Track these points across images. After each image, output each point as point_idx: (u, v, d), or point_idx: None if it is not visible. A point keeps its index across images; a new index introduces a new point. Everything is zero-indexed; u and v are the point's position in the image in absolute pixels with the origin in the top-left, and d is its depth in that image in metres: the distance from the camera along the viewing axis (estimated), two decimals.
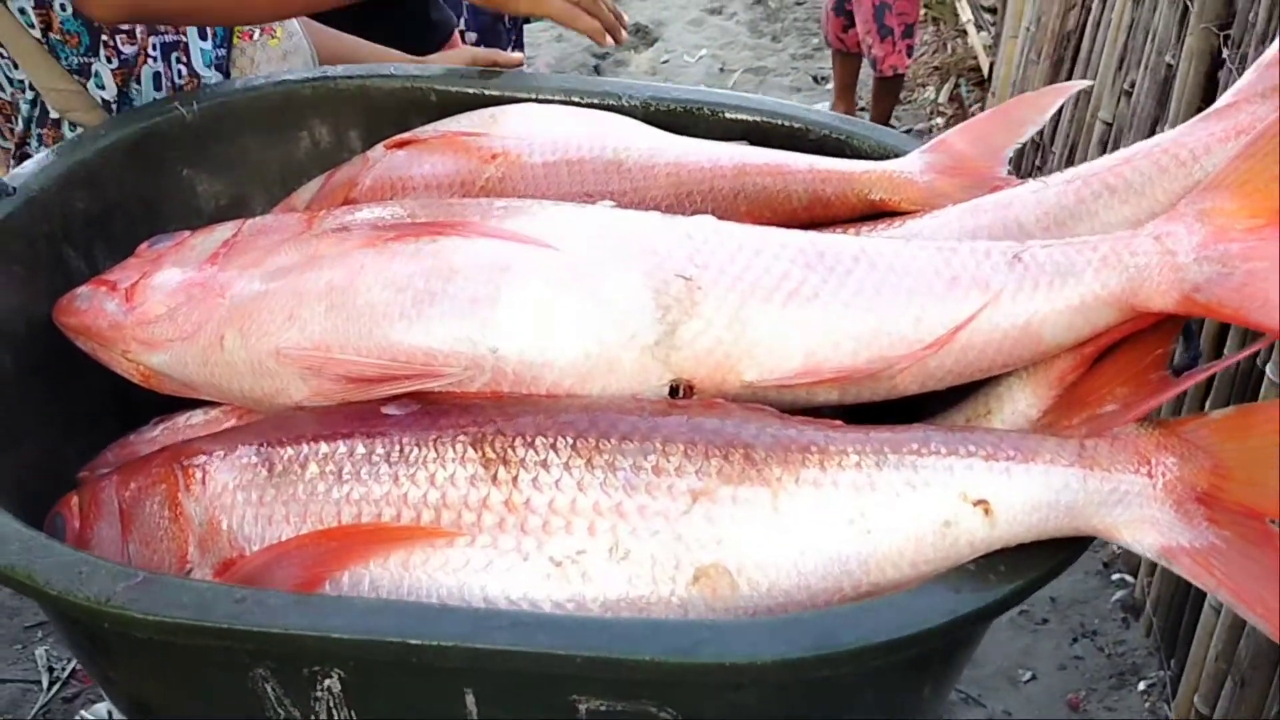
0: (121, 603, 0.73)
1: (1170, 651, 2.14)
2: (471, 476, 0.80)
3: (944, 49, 5.61)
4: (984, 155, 1.10)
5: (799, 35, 6.31)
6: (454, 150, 1.14)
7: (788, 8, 6.71)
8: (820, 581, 0.77)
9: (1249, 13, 2.00)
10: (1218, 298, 0.78)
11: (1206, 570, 0.75)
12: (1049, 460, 0.78)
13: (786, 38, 6.31)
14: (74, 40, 1.31)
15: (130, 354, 0.99)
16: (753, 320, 0.88)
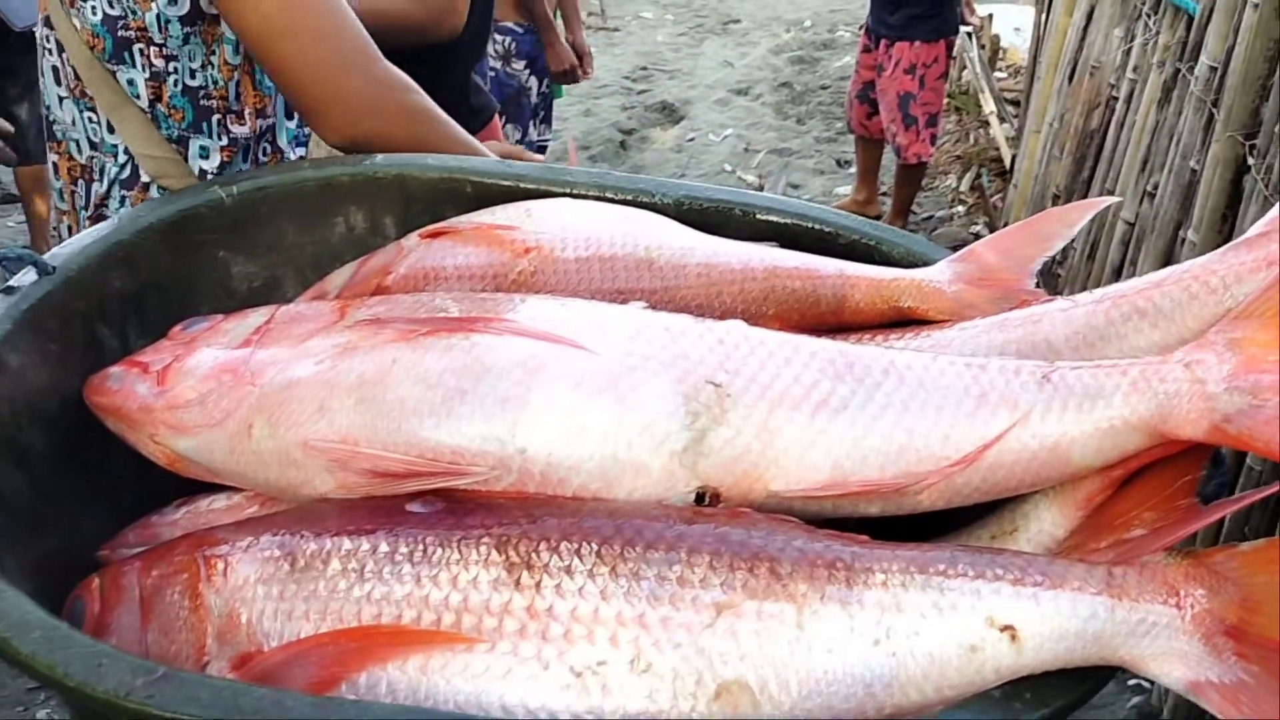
0: (140, 698, 0.72)
1: None
2: (494, 580, 0.80)
3: (966, 139, 5.68)
4: (1012, 268, 1.10)
5: (823, 119, 6.40)
6: (488, 242, 1.15)
7: (812, 91, 6.82)
8: (843, 702, 0.76)
9: (1275, 124, 2.02)
10: (1249, 430, 0.78)
11: (1235, 705, 0.74)
12: (1077, 587, 0.77)
13: (811, 120, 6.40)
14: (179, 115, 1.39)
15: (158, 437, 0.99)
16: (781, 429, 0.88)
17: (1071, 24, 3.71)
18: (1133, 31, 3.03)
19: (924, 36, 4.39)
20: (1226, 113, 2.21)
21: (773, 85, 6.94)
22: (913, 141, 4.54)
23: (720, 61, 7.46)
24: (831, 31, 7.75)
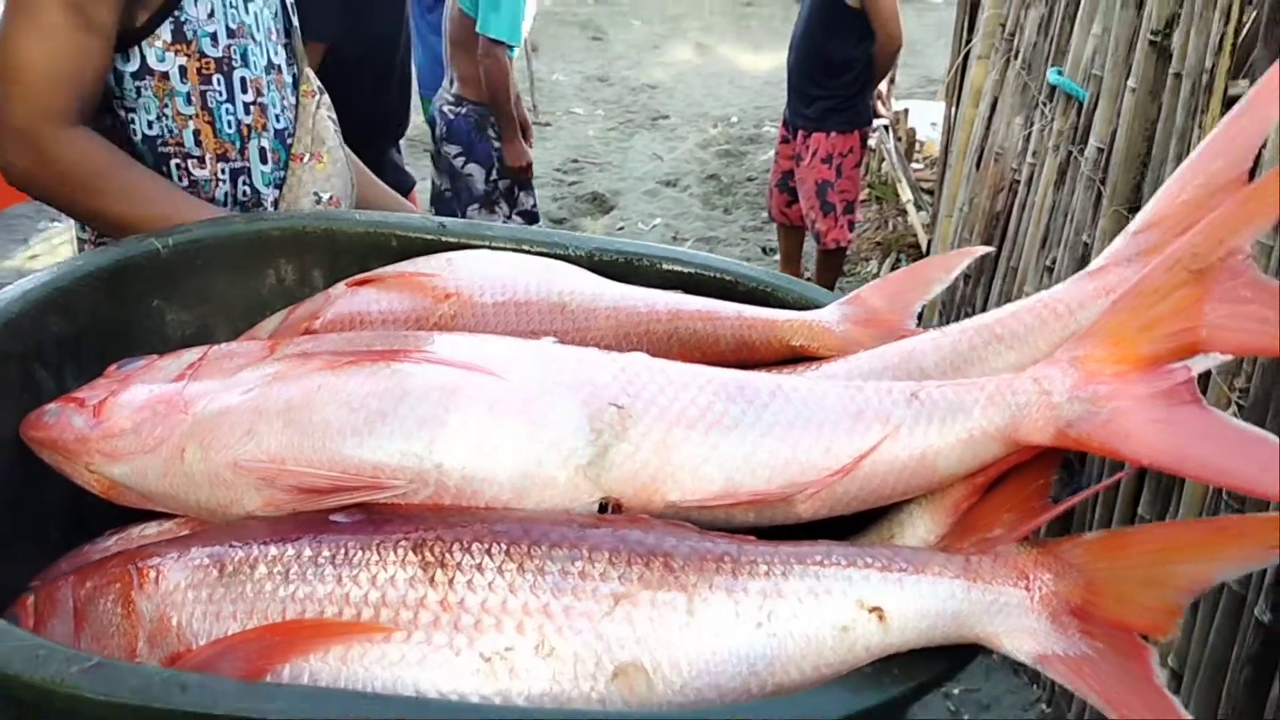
0: (74, 684, 0.77)
1: None
2: (411, 578, 0.86)
3: (886, 226, 5.90)
4: (895, 309, 1.21)
5: (749, 208, 6.60)
6: (410, 289, 1.23)
7: (739, 183, 7.03)
8: (729, 681, 0.84)
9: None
10: (1086, 433, 0.88)
11: (1079, 676, 0.83)
12: (937, 572, 0.86)
13: (737, 210, 6.60)
14: (142, 160, 1.48)
15: (93, 466, 1.05)
16: (678, 446, 0.96)
17: (977, 115, 3.92)
18: (1031, 119, 3.23)
19: (839, 128, 4.60)
20: (1112, 188, 2.37)
21: (700, 177, 7.14)
22: (831, 227, 4.72)
23: (649, 155, 7.66)
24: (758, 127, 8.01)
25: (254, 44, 1.53)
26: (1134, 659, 0.84)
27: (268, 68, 1.57)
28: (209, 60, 1.47)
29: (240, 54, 1.50)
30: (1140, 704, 0.82)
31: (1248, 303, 0.85)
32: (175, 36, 1.43)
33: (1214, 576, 0.85)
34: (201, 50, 1.45)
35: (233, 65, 1.50)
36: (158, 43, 1.43)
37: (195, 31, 1.44)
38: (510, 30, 3.95)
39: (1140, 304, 0.89)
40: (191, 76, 1.46)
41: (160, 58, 1.42)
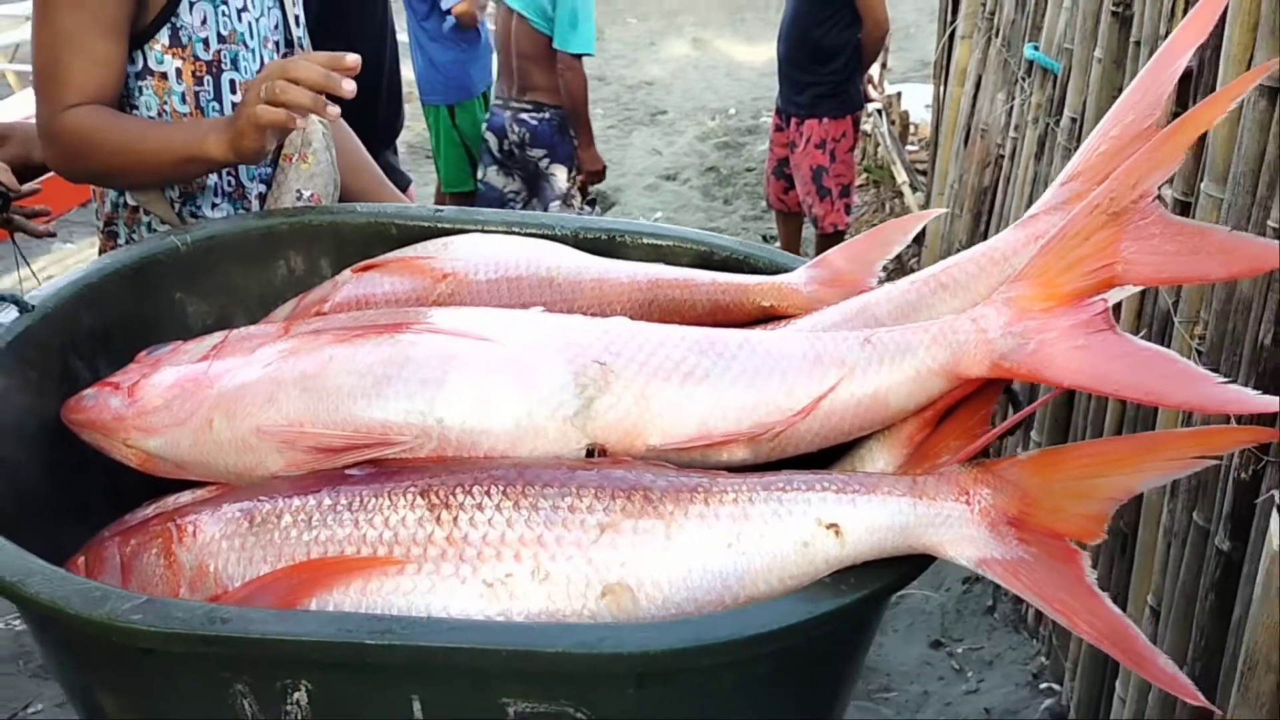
0: (129, 618, 0.88)
1: None
2: (419, 518, 0.97)
3: (883, 209, 5.98)
4: (858, 269, 1.31)
5: (749, 199, 6.69)
6: (410, 272, 1.34)
7: (738, 174, 7.12)
8: (705, 595, 0.94)
9: None
10: (1017, 362, 0.98)
11: (1015, 576, 0.93)
12: (886, 491, 0.96)
13: (737, 200, 6.68)
14: None
15: (130, 441, 1.16)
16: (655, 396, 1.06)
17: (963, 93, 4.01)
18: (1012, 94, 3.32)
19: (831, 113, 4.68)
20: None
21: (700, 170, 7.23)
22: (828, 212, 4.80)
23: (649, 150, 7.74)
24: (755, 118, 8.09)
25: (245, 50, 1.63)
26: (1067, 562, 0.94)
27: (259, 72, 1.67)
28: (201, 63, 1.58)
29: (230, 58, 1.61)
30: (1073, 600, 0.92)
31: (1157, 238, 0.94)
32: (172, 41, 1.55)
33: (1137, 487, 0.96)
34: (195, 54, 1.57)
35: (221, 68, 1.61)
36: (157, 46, 1.55)
37: (190, 37, 1.56)
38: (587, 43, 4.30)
39: (1064, 247, 0.99)
40: (186, 78, 1.57)
41: (159, 60, 1.54)
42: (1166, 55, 1.03)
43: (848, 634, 1.01)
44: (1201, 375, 0.89)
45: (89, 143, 1.46)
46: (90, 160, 1.48)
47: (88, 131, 1.45)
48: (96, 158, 1.47)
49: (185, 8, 1.54)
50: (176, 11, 1.54)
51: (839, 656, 1.03)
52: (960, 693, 2.69)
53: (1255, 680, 1.41)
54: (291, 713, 0.93)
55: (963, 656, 2.81)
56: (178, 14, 1.54)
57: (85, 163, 1.48)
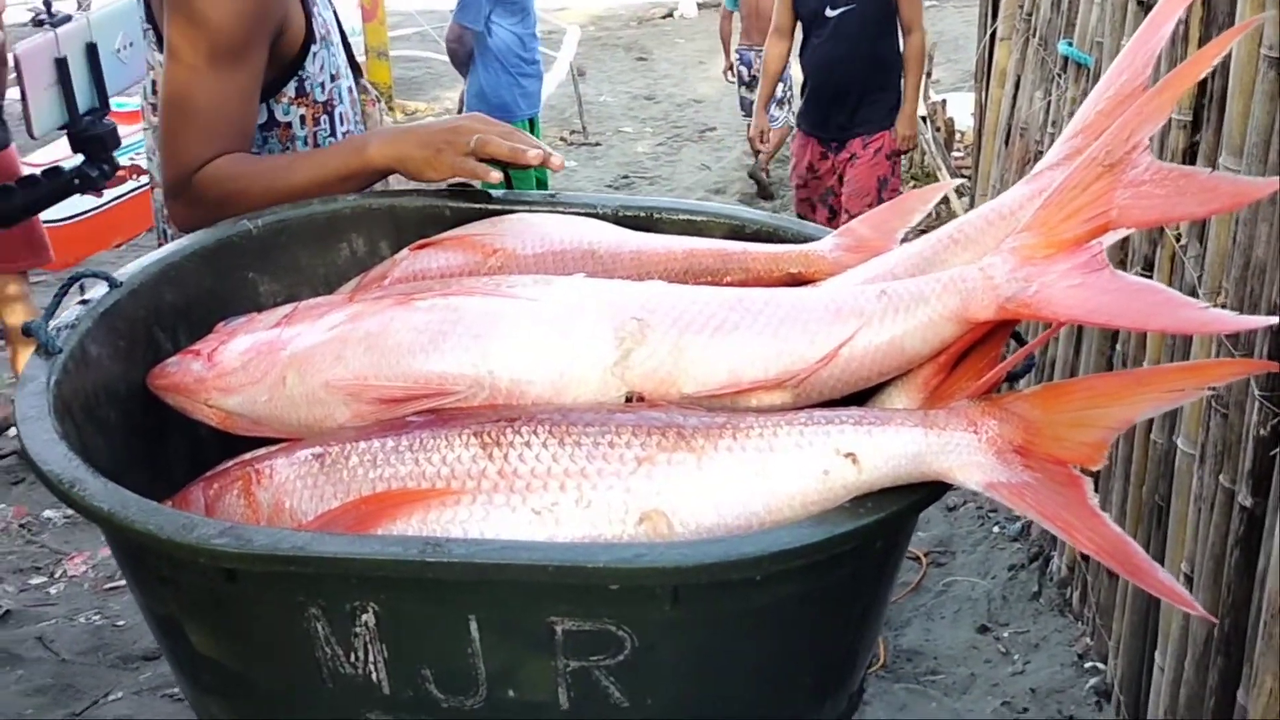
0: (214, 542, 0.98)
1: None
2: (473, 455, 1.06)
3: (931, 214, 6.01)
4: (881, 236, 1.39)
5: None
6: (463, 248, 1.44)
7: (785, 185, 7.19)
8: (734, 520, 1.03)
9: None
10: (1020, 303, 1.06)
11: (1020, 497, 1.00)
12: (900, 423, 1.04)
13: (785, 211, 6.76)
14: None
15: (211, 401, 1.27)
16: (688, 347, 1.15)
17: (1003, 94, 4.07)
18: (1049, 91, 3.38)
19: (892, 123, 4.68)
20: None
21: (747, 183, 7.32)
22: None
23: (698, 166, 7.85)
24: None
25: (344, 79, 1.73)
26: (1070, 486, 1.01)
27: (348, 92, 1.79)
28: (318, 105, 1.67)
29: (339, 93, 1.71)
30: (1076, 520, 0.99)
31: (1147, 184, 1.02)
32: (298, 92, 1.63)
33: (1134, 416, 1.03)
34: (315, 99, 1.66)
35: (334, 105, 1.70)
36: (284, 99, 1.63)
37: (312, 85, 1.64)
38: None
39: (1065, 198, 1.06)
40: (308, 123, 1.66)
41: (285, 112, 1.63)
42: (1154, 21, 1.10)
43: (868, 557, 1.09)
44: (1186, 301, 0.96)
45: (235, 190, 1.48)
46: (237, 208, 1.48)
47: (231, 179, 1.49)
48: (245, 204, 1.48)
49: (310, 59, 1.62)
50: (303, 64, 1.62)
51: (862, 579, 1.11)
52: (1007, 674, 2.74)
53: (1277, 627, 1.46)
54: (360, 634, 1.03)
55: (1009, 640, 2.86)
56: (304, 66, 1.62)
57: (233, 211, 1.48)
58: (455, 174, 1.47)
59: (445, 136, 1.47)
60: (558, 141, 8.22)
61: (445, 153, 1.46)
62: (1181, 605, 0.96)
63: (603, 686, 1.03)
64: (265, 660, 1.10)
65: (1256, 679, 1.50)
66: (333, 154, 1.55)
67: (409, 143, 1.49)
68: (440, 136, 1.48)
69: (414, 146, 1.49)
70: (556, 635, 1.00)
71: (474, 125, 1.48)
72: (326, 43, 1.66)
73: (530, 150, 1.45)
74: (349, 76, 1.80)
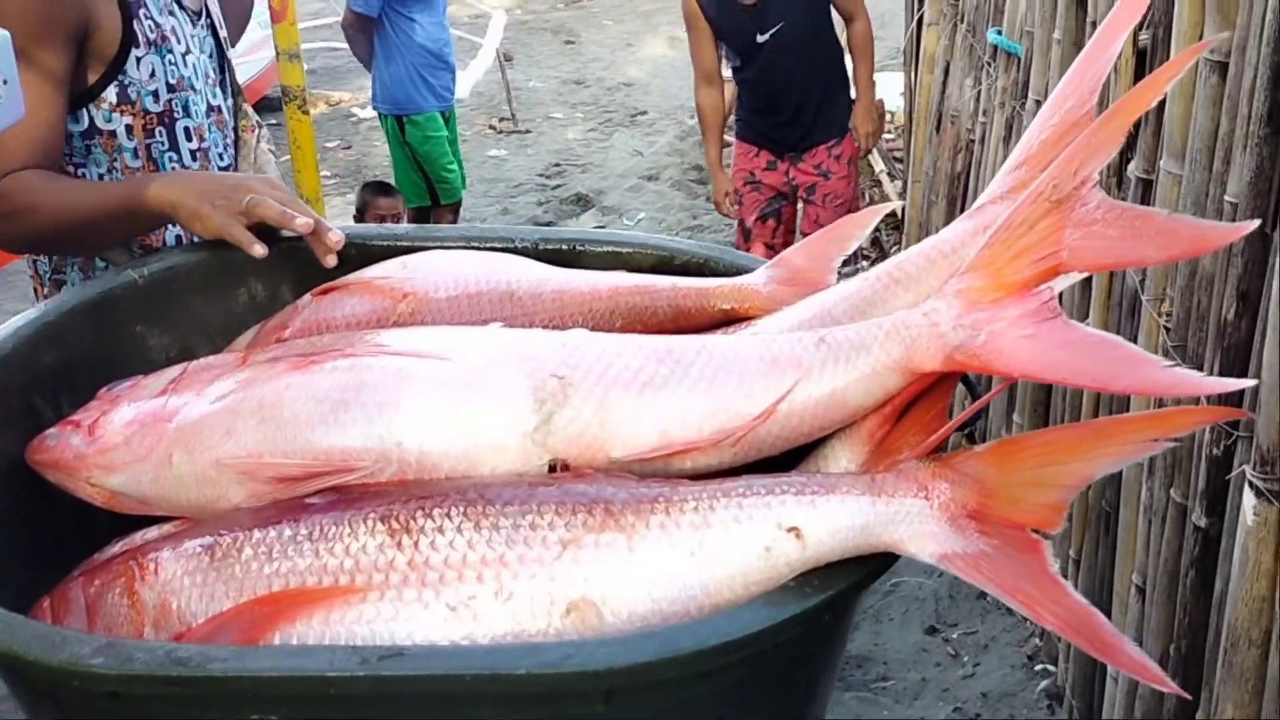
0: (90, 663, 0.88)
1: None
2: (380, 544, 0.96)
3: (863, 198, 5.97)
4: (817, 267, 1.31)
5: None
6: (370, 293, 1.33)
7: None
8: (670, 606, 0.94)
9: None
10: (970, 354, 0.98)
11: (978, 569, 0.93)
12: (845, 491, 0.96)
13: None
14: None
15: (93, 479, 1.15)
16: (615, 407, 1.06)
17: (933, 79, 4.02)
18: (979, 79, 3.32)
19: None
20: None
21: (681, 169, 7.22)
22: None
23: (630, 151, 7.74)
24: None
25: (194, 94, 1.63)
26: (1029, 552, 0.93)
27: (208, 111, 1.68)
28: (152, 115, 1.57)
29: (181, 106, 1.60)
30: (1036, 590, 0.92)
31: (1099, 223, 0.94)
32: (120, 99, 1.54)
33: (1094, 473, 0.96)
34: (145, 108, 1.56)
35: (174, 117, 1.60)
36: (104, 105, 1.54)
37: (139, 92, 1.55)
38: None
39: (1011, 237, 0.98)
40: (137, 133, 1.57)
41: (107, 119, 1.53)
42: (1100, 41, 1.03)
43: (818, 634, 1.01)
44: (1148, 360, 0.89)
45: (27, 205, 1.43)
46: (27, 225, 1.45)
47: (25, 192, 1.43)
48: (35, 220, 1.44)
49: (132, 64, 1.53)
50: (124, 69, 1.53)
51: (811, 657, 1.03)
52: (957, 678, 2.70)
53: (1239, 655, 1.41)
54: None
55: (958, 641, 2.82)
56: (124, 71, 1.53)
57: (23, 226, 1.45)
58: (221, 234, 1.38)
59: (223, 192, 1.40)
60: (487, 130, 8.07)
61: (218, 209, 1.38)
62: (1155, 683, 0.89)
63: None
64: None
65: (1218, 707, 1.45)
66: (118, 188, 1.49)
67: (186, 190, 1.42)
68: (218, 191, 1.40)
69: (189, 195, 1.41)
70: None
71: (254, 186, 1.41)
72: (160, 49, 1.57)
73: (299, 218, 1.37)
74: (216, 95, 1.69)
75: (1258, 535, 1.34)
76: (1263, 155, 1.36)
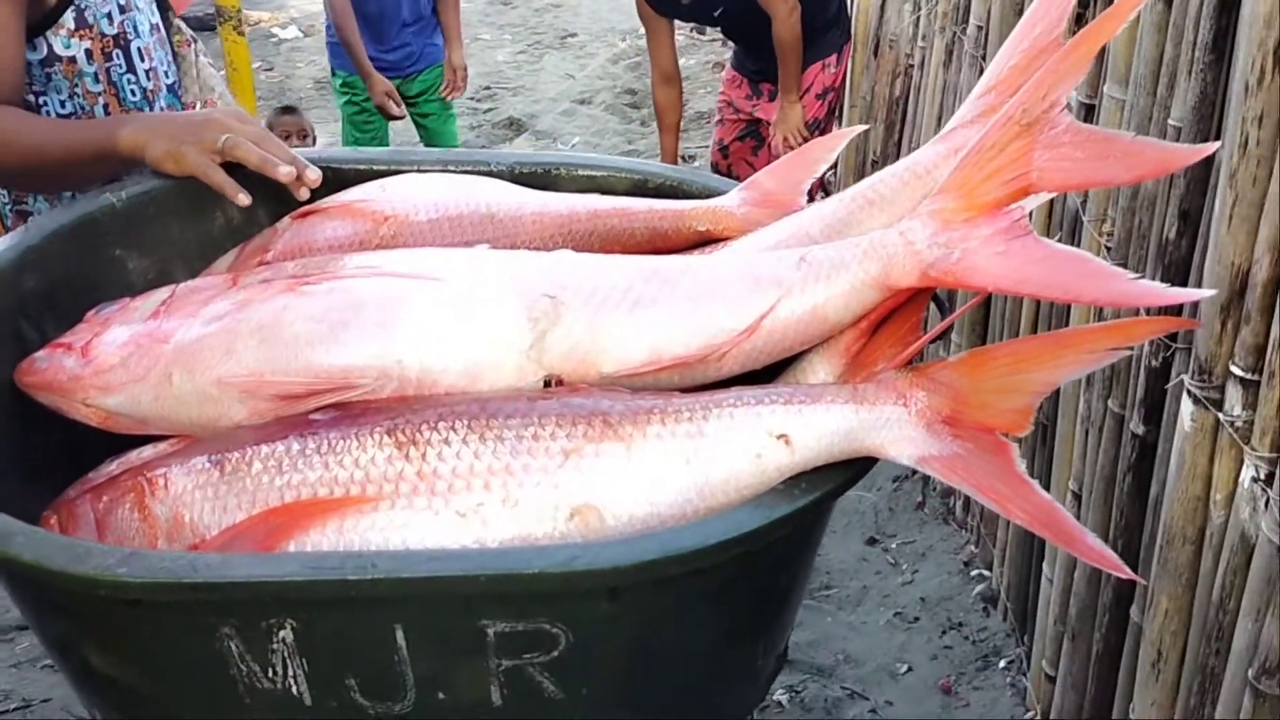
0: (115, 572, 0.91)
1: (1023, 630, 2.41)
2: (389, 456, 1.01)
3: None
4: (787, 189, 1.36)
5: None
6: (351, 216, 1.35)
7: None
8: (668, 510, 1.00)
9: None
10: (944, 270, 1.04)
11: (952, 470, 1.00)
12: (830, 400, 1.02)
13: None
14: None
15: (89, 400, 1.17)
16: (605, 325, 1.10)
17: (871, 3, 4.05)
18: (918, 3, 3.37)
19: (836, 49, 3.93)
20: None
21: (614, 92, 7.18)
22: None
23: (562, 74, 7.67)
24: None
25: (139, 13, 1.61)
26: (998, 454, 1.01)
27: (151, 30, 1.66)
28: (108, 38, 1.56)
29: (132, 26, 1.59)
30: (1005, 488, 0.99)
31: (1067, 145, 1.00)
32: (78, 24, 1.52)
33: (1058, 380, 1.03)
34: (101, 31, 1.54)
35: (128, 39, 1.59)
36: (62, 31, 1.52)
37: (95, 15, 1.53)
38: None
39: (982, 159, 1.04)
40: (96, 57, 1.55)
41: (66, 45, 1.52)
42: None
43: (801, 535, 1.08)
44: (1115, 273, 0.96)
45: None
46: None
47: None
48: (5, 159, 1.42)
49: None
50: None
51: (794, 556, 1.10)
52: (897, 585, 2.82)
53: (1174, 552, 1.52)
54: (278, 650, 0.97)
55: (897, 551, 2.94)
56: None
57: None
58: (196, 174, 1.36)
59: (194, 131, 1.37)
60: None
61: (189, 148, 1.36)
62: (1113, 569, 0.97)
63: (536, 682, 1.00)
64: (177, 681, 1.04)
65: (1152, 600, 1.56)
66: (90, 129, 1.46)
67: (156, 131, 1.39)
68: (188, 130, 1.37)
69: (159, 136, 1.38)
70: (488, 637, 0.97)
71: (227, 123, 1.38)
72: None
73: (281, 166, 1.35)
74: (152, 12, 1.68)
75: (1194, 440, 1.43)
76: (1206, 81, 1.43)
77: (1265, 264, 1.27)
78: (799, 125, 3.97)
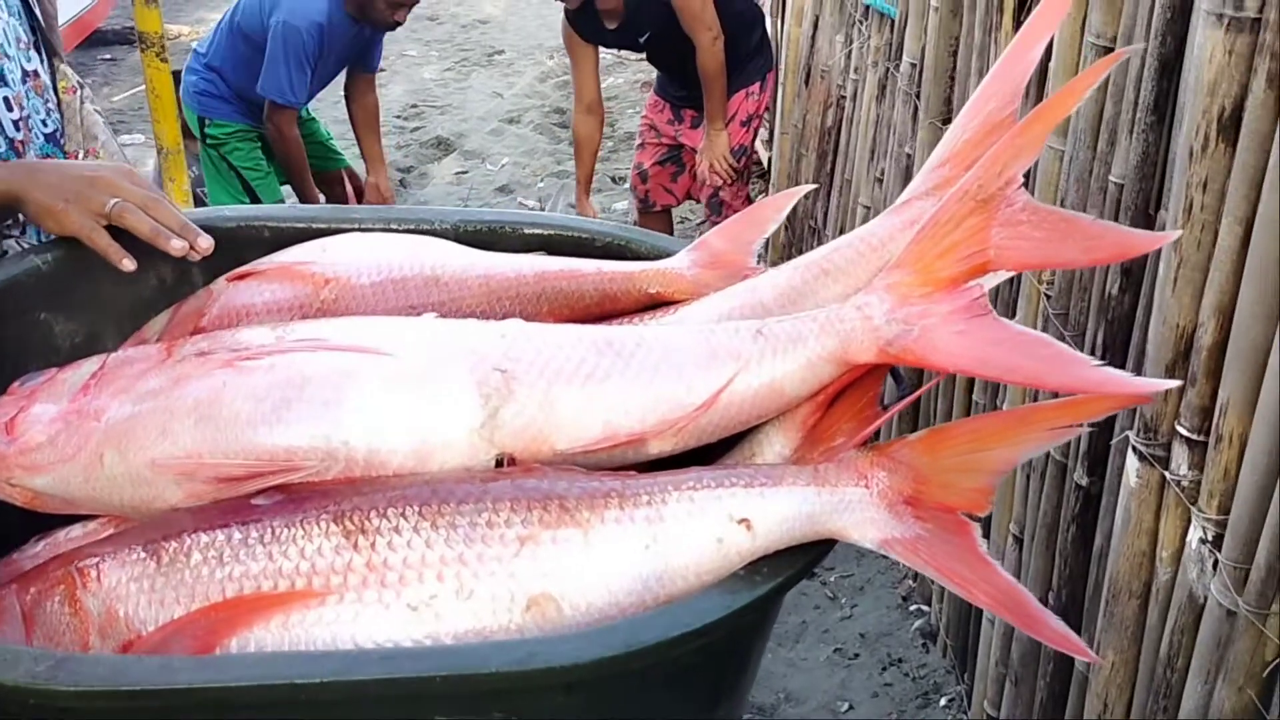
0: (45, 679, 0.86)
1: (963, 668, 2.42)
2: (336, 546, 0.97)
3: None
4: (737, 250, 1.34)
5: None
6: (290, 279, 1.31)
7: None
8: (627, 598, 0.97)
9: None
10: (903, 348, 1.03)
11: (915, 554, 0.98)
12: (791, 482, 1.00)
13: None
14: None
15: (14, 480, 1.11)
16: (559, 400, 1.08)
17: (801, 33, 4.08)
18: (850, 36, 3.39)
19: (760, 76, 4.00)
20: (926, 102, 2.55)
21: (543, 111, 7.16)
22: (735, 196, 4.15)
23: (489, 93, 7.63)
24: None
25: (7, 60, 1.53)
26: (960, 534, 1.00)
27: (24, 78, 1.58)
28: None
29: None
30: (968, 571, 0.99)
31: (1025, 224, 1.00)
32: None
33: (1018, 457, 1.02)
34: None
35: None
36: None
37: None
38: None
39: (938, 233, 1.03)
40: None
41: None
42: (1021, 44, 1.08)
43: (761, 617, 1.06)
44: (1076, 358, 0.95)
45: None
46: None
47: None
48: None
49: None
50: None
51: (754, 636, 1.08)
52: (836, 619, 2.82)
53: (1119, 606, 1.53)
54: None
55: (835, 584, 2.94)
56: None
57: None
58: (78, 236, 1.27)
59: (79, 188, 1.27)
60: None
61: (73, 208, 1.26)
62: (1077, 654, 0.97)
63: None
64: None
65: (1099, 652, 1.57)
66: None
67: (37, 182, 1.29)
68: (73, 186, 1.28)
69: (39, 188, 1.28)
70: None
71: (117, 184, 1.29)
72: None
73: (174, 240, 1.26)
74: (30, 59, 1.59)
75: (1139, 496, 1.45)
76: (1149, 141, 1.45)
77: (1210, 328, 1.29)
78: (724, 152, 4.02)
